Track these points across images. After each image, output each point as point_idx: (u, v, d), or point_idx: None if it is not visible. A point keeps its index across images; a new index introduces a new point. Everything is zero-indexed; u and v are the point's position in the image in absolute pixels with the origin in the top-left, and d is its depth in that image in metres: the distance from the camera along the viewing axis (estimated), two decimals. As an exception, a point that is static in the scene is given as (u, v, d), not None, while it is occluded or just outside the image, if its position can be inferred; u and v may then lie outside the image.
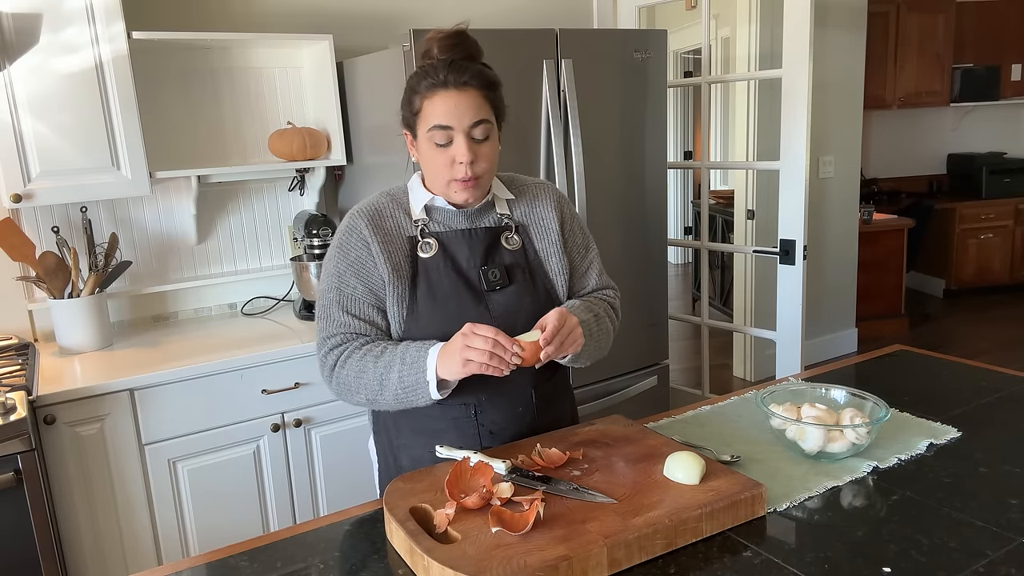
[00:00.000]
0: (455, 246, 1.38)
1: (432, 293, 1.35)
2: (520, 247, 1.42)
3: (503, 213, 1.43)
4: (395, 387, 1.28)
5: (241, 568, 1.11)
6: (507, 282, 1.38)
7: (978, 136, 6.31)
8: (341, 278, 1.36)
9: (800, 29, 2.56)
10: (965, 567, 1.01)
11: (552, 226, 1.45)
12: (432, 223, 1.39)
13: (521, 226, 1.44)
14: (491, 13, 3.09)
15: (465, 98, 1.27)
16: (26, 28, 2.03)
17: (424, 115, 1.30)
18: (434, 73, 1.28)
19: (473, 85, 1.28)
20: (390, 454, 1.47)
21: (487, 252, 1.39)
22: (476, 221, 1.40)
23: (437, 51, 1.29)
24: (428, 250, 1.37)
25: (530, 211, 1.46)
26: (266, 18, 2.66)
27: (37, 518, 1.81)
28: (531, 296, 1.40)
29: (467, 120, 1.28)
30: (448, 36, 1.30)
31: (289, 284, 2.79)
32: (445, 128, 1.28)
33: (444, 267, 1.36)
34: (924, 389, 1.66)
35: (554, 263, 1.44)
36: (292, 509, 2.31)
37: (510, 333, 1.34)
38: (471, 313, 1.34)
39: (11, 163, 2.06)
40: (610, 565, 1.02)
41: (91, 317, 2.25)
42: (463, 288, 1.35)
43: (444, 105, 1.27)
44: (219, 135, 2.61)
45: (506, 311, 1.37)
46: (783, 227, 2.78)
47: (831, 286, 4.59)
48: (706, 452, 1.35)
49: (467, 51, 1.31)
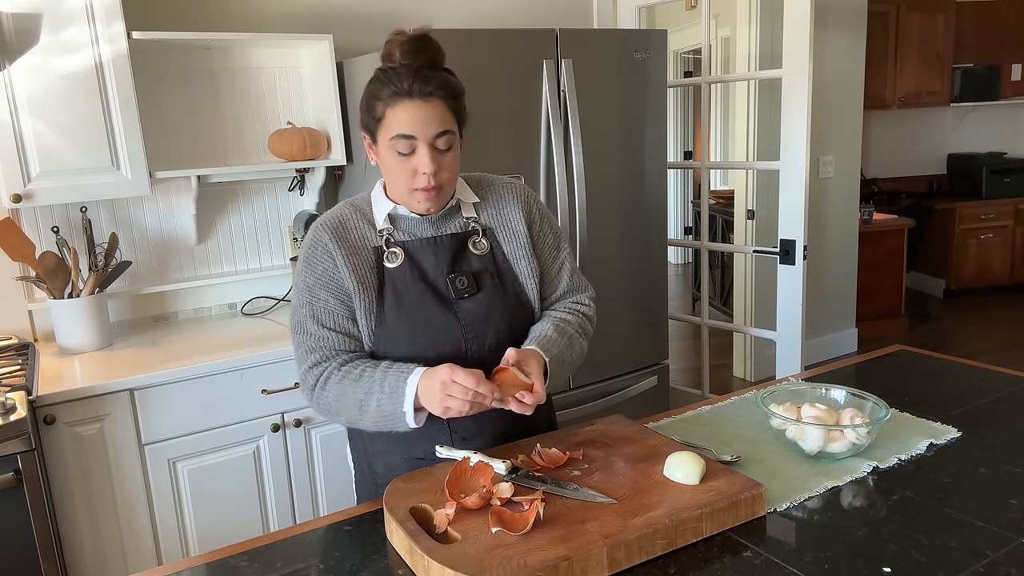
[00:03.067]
0: (421, 255, 1.36)
1: (399, 303, 1.33)
2: (488, 251, 1.40)
3: (469, 217, 1.41)
4: (374, 414, 1.27)
5: (241, 568, 1.11)
6: (476, 289, 1.36)
7: (978, 136, 6.31)
8: (311, 292, 1.34)
9: (800, 29, 2.56)
10: (965, 567, 1.01)
11: (519, 228, 1.43)
12: (397, 232, 1.37)
13: (488, 229, 1.41)
14: (491, 13, 3.09)
15: (429, 109, 1.25)
16: (26, 28, 2.03)
17: (387, 123, 1.27)
18: (398, 81, 1.25)
19: (438, 96, 1.26)
20: (365, 461, 1.46)
21: (454, 259, 1.37)
22: (441, 228, 1.38)
23: (400, 56, 1.27)
24: (394, 260, 1.35)
25: (497, 213, 1.43)
26: (266, 18, 2.66)
27: (37, 518, 1.81)
28: (501, 302, 1.38)
29: (431, 131, 1.26)
30: (411, 40, 1.27)
31: (289, 284, 2.79)
32: (408, 138, 1.26)
33: (411, 277, 1.34)
34: (924, 389, 1.66)
35: (523, 266, 1.42)
36: (292, 509, 2.31)
37: (481, 340, 1.35)
38: (440, 322, 1.33)
39: (11, 163, 2.06)
40: (610, 565, 1.02)
41: (91, 317, 2.25)
42: (431, 297, 1.34)
43: (408, 115, 1.25)
44: (219, 135, 2.61)
45: (476, 318, 1.35)
46: (783, 227, 2.78)
47: (831, 286, 4.59)
48: (706, 452, 1.35)
49: (430, 56, 1.28)
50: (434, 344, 1.33)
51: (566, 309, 1.47)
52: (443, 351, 1.33)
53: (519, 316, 1.41)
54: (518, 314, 1.41)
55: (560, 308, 1.47)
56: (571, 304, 1.49)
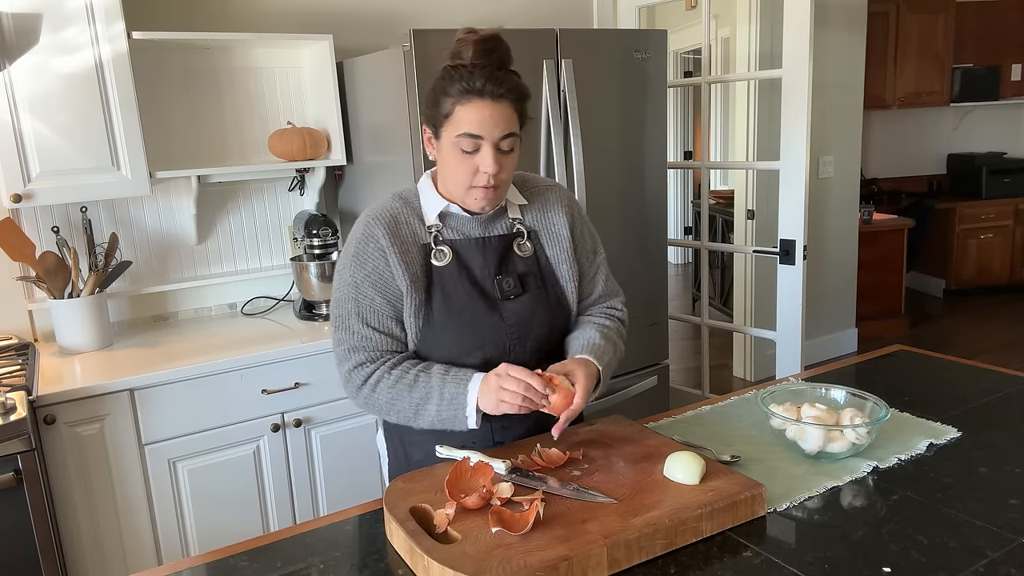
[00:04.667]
0: (469, 254, 1.37)
1: (448, 303, 1.35)
2: (532, 254, 1.42)
3: (515, 218, 1.42)
4: (432, 418, 1.31)
5: (241, 568, 1.11)
6: (521, 291, 1.39)
7: (978, 136, 6.31)
8: (358, 288, 1.34)
9: (800, 29, 2.56)
10: (965, 567, 1.01)
11: (563, 232, 1.45)
12: (446, 229, 1.38)
13: (532, 232, 1.43)
14: (491, 13, 3.09)
15: (499, 110, 1.26)
16: (26, 28, 2.03)
17: (454, 120, 1.27)
18: (470, 79, 1.25)
19: (508, 98, 1.27)
20: (400, 448, 1.47)
21: (500, 260, 1.39)
22: (489, 228, 1.40)
23: (471, 55, 1.27)
24: (442, 258, 1.36)
25: (542, 216, 1.45)
26: (266, 18, 2.66)
27: (37, 518, 1.81)
28: (543, 304, 1.40)
29: (498, 132, 1.27)
30: (484, 40, 1.27)
31: (289, 284, 2.79)
32: (475, 137, 1.26)
33: (459, 276, 1.36)
34: (924, 389, 1.66)
35: (564, 269, 1.44)
36: (292, 509, 2.31)
37: (523, 342, 1.38)
38: (485, 323, 1.35)
39: (11, 163, 2.06)
40: (610, 565, 1.02)
41: (91, 317, 2.25)
42: (478, 297, 1.36)
43: (478, 115, 1.25)
44: (219, 135, 2.61)
45: (520, 319, 1.37)
46: (783, 227, 2.78)
47: (831, 286, 4.59)
48: (706, 452, 1.35)
49: (502, 57, 1.29)
50: (479, 344, 1.35)
51: (603, 314, 1.49)
52: (487, 352, 1.36)
53: (559, 319, 1.44)
54: (558, 317, 1.43)
55: (597, 313, 1.49)
56: (606, 309, 1.51)
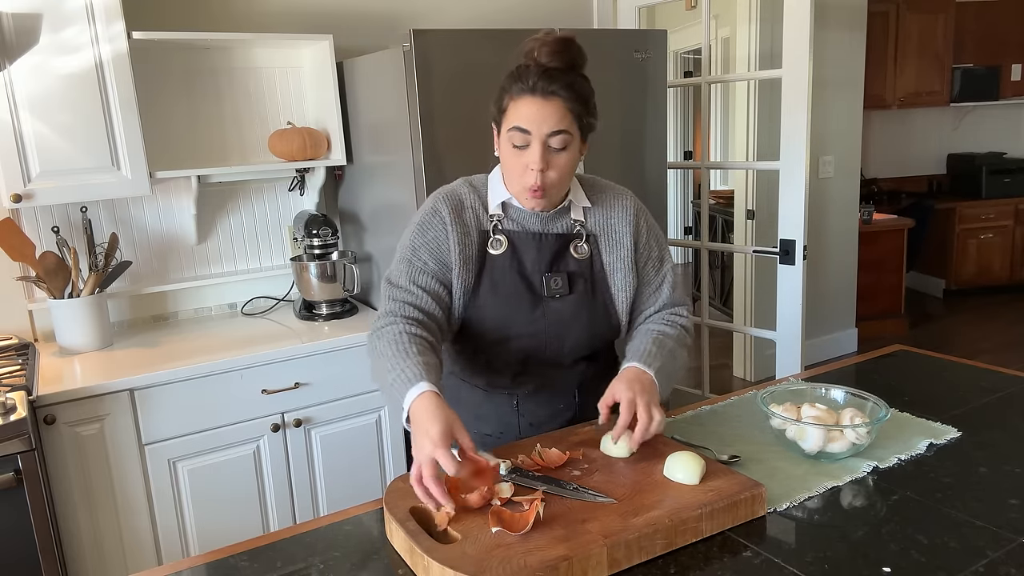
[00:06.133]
0: (524, 247, 1.40)
1: (495, 290, 1.38)
2: (588, 257, 1.43)
3: (577, 219, 1.43)
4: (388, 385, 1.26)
5: (241, 568, 1.11)
6: (568, 291, 1.40)
7: (978, 136, 6.31)
8: (415, 251, 1.39)
9: (800, 29, 2.56)
10: (965, 567, 1.01)
11: (624, 240, 1.45)
12: (507, 220, 1.41)
13: (592, 235, 1.44)
14: (491, 13, 3.09)
15: (548, 107, 1.27)
16: (26, 28, 2.03)
17: (508, 115, 1.31)
18: (526, 77, 1.28)
19: (560, 95, 1.28)
20: None
21: (554, 258, 1.40)
22: (549, 225, 1.41)
23: (539, 55, 1.29)
24: (498, 247, 1.40)
25: (604, 221, 1.45)
26: (266, 18, 2.66)
27: (37, 518, 1.81)
28: (587, 309, 1.41)
29: (546, 128, 1.28)
30: (552, 43, 1.29)
31: (289, 284, 2.79)
32: (523, 131, 1.28)
33: (510, 266, 1.39)
34: (924, 389, 1.66)
35: (619, 278, 1.44)
36: (292, 509, 2.31)
37: (557, 345, 1.41)
38: (527, 317, 1.38)
39: (11, 163, 2.06)
40: (610, 565, 1.02)
41: (91, 317, 2.25)
42: (524, 291, 1.38)
43: (527, 110, 1.28)
44: (219, 135, 2.61)
45: (561, 319, 1.40)
46: (783, 227, 2.78)
47: (831, 286, 4.59)
48: (706, 452, 1.35)
49: (569, 60, 1.30)
50: (518, 335, 1.39)
51: (664, 321, 1.48)
52: (524, 344, 1.40)
53: (602, 326, 1.44)
54: (602, 324, 1.44)
55: (658, 320, 1.48)
56: (668, 316, 1.49)
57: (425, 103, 2.19)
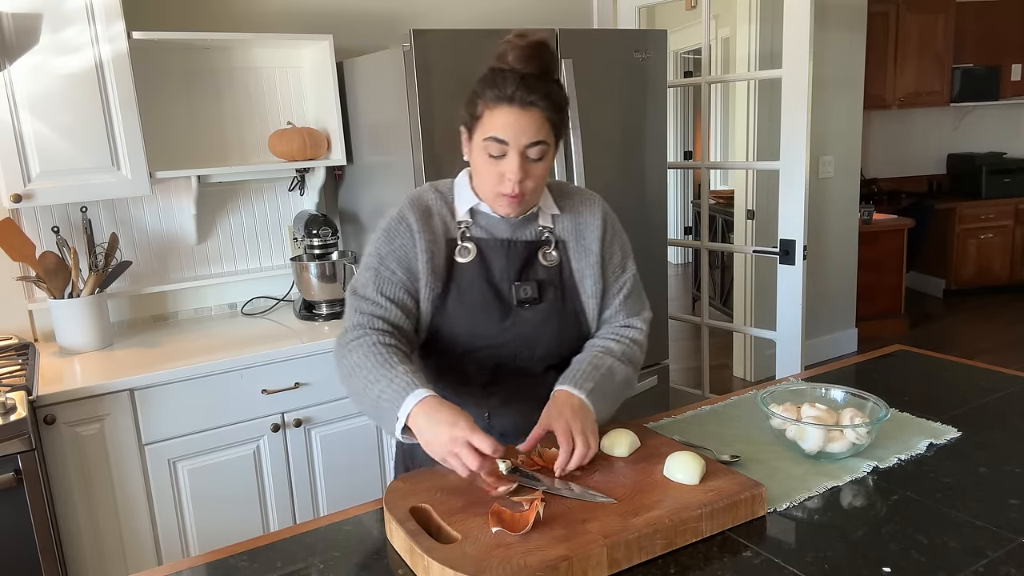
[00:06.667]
0: (492, 255, 1.37)
1: (462, 299, 1.35)
2: (557, 264, 1.40)
3: (545, 226, 1.41)
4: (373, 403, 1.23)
5: (241, 568, 1.11)
6: (537, 299, 1.37)
7: (978, 136, 6.31)
8: (382, 260, 1.35)
9: (800, 29, 2.56)
10: (965, 567, 1.01)
11: (593, 247, 1.42)
12: (475, 227, 1.38)
13: (561, 242, 1.42)
14: (491, 13, 3.09)
15: (527, 117, 1.24)
16: (26, 28, 2.03)
17: (483, 123, 1.27)
18: (503, 84, 1.24)
19: (539, 106, 1.25)
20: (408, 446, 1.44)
21: (523, 266, 1.38)
22: (517, 232, 1.38)
23: (512, 59, 1.26)
24: (466, 255, 1.36)
25: (573, 227, 1.42)
26: (266, 18, 2.66)
27: (37, 518, 1.81)
28: (557, 317, 1.39)
29: (524, 139, 1.25)
30: (526, 47, 1.25)
31: (289, 284, 2.79)
32: (501, 142, 1.25)
33: (478, 275, 1.36)
34: (924, 389, 1.66)
35: (588, 284, 1.42)
36: (292, 509, 2.31)
37: (527, 354, 1.38)
38: (495, 327, 1.35)
39: (11, 163, 2.06)
40: (610, 565, 1.02)
41: (91, 317, 2.25)
42: (492, 299, 1.35)
43: (505, 120, 1.24)
44: (219, 135, 2.61)
45: (531, 327, 1.37)
46: (783, 227, 2.78)
47: (831, 286, 4.59)
48: (706, 452, 1.35)
49: (542, 65, 1.27)
50: (487, 344, 1.36)
51: (612, 335, 1.43)
52: (494, 353, 1.36)
53: (573, 333, 1.42)
54: (572, 331, 1.42)
55: (607, 334, 1.44)
56: (619, 329, 1.45)
57: (425, 103, 2.19)
